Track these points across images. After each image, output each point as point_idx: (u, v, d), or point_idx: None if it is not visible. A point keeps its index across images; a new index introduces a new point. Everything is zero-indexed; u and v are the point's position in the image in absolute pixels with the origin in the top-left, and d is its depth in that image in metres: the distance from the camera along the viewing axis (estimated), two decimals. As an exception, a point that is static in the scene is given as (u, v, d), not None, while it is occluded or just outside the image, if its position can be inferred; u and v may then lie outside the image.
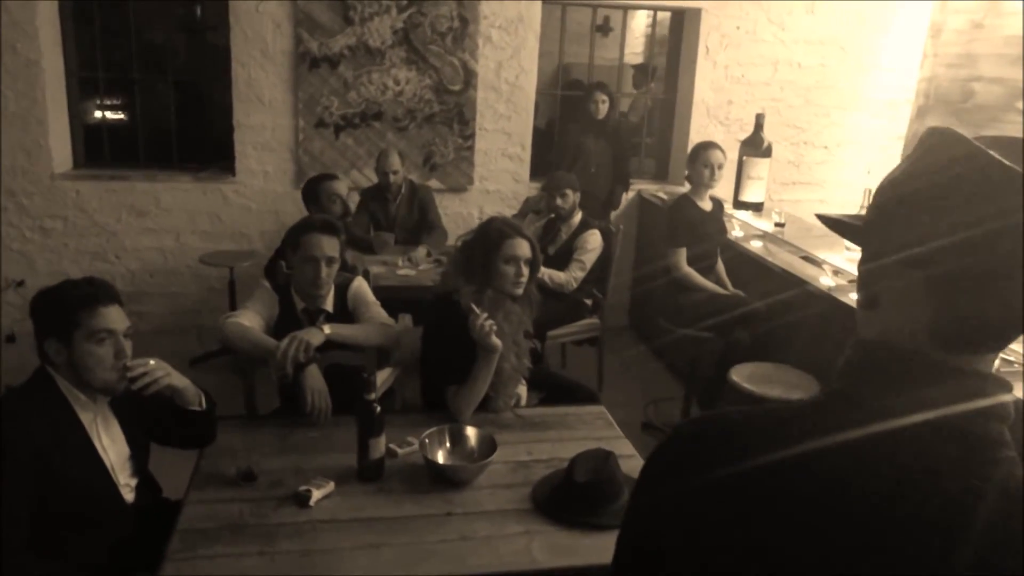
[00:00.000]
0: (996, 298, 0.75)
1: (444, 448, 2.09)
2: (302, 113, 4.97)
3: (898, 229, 0.80)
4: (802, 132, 5.50)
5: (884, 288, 0.82)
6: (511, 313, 2.47)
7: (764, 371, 3.33)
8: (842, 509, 0.78)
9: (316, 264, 2.55)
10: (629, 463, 2.14)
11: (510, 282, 2.42)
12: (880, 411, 0.79)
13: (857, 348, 0.85)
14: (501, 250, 2.41)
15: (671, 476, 0.89)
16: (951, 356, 0.79)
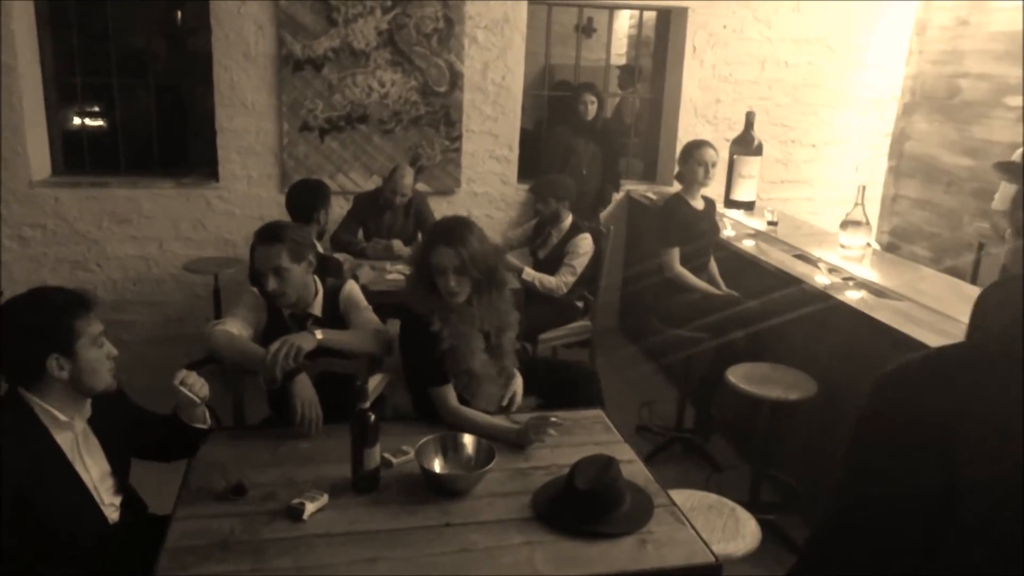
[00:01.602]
0: None
1: (440, 457, 2.03)
2: (286, 116, 4.90)
3: None
4: (790, 131, 5.48)
5: None
6: (463, 314, 2.39)
7: (761, 371, 3.29)
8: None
9: (263, 277, 2.49)
10: (629, 468, 2.10)
11: (444, 292, 2.35)
12: None
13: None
14: (429, 259, 2.35)
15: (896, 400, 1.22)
16: None
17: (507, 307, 2.51)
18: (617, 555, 1.72)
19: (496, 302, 2.45)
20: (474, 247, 2.33)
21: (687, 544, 1.78)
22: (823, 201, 5.57)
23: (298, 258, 2.54)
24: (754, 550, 2.23)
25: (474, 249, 2.33)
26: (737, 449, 3.91)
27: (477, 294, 2.39)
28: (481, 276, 2.36)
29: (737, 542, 2.25)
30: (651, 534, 1.80)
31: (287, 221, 2.84)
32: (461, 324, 2.38)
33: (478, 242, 2.36)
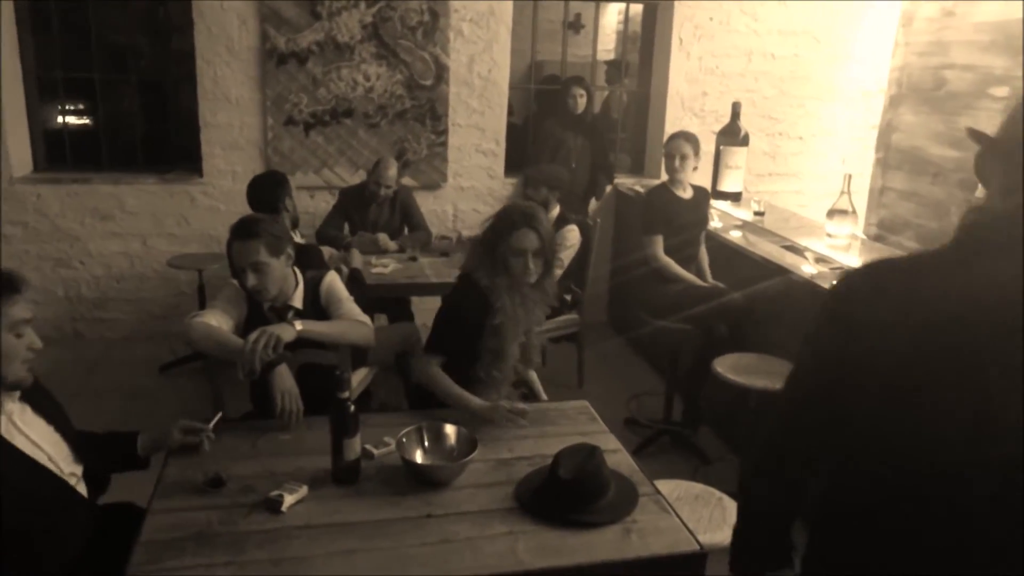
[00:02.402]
0: None
1: (422, 447, 2.00)
2: (270, 111, 4.86)
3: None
4: (777, 123, 5.48)
5: None
6: (528, 300, 2.44)
7: (748, 361, 3.27)
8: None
9: (242, 273, 2.46)
10: (614, 458, 2.08)
11: (519, 273, 2.38)
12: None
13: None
14: (509, 241, 2.37)
15: (852, 304, 1.30)
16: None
17: (545, 302, 2.56)
18: (601, 544, 1.69)
19: (549, 288, 2.51)
20: (549, 231, 2.42)
21: (672, 533, 1.76)
22: (811, 194, 5.56)
23: (276, 252, 2.51)
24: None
25: (549, 233, 2.41)
26: (725, 441, 3.89)
27: (541, 278, 2.46)
28: (550, 260, 2.44)
29: (724, 531, 2.22)
30: (635, 523, 1.77)
31: (262, 215, 2.79)
32: (519, 306, 2.42)
33: (549, 226, 2.44)
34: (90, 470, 1.94)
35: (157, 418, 2.13)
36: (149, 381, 4.43)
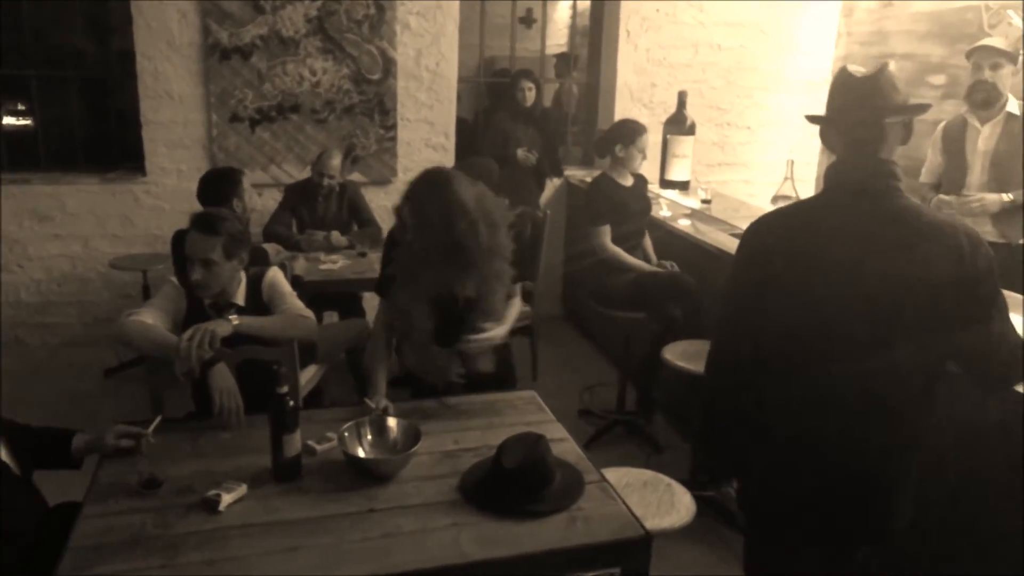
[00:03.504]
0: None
1: (365, 441, 1.97)
2: (215, 107, 4.76)
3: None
4: (725, 113, 5.53)
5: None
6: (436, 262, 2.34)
7: (697, 348, 3.29)
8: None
9: (189, 264, 2.40)
10: (561, 447, 2.07)
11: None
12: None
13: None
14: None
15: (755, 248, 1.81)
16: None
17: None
18: (546, 533, 1.68)
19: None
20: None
21: (617, 519, 1.75)
22: (760, 183, 5.62)
23: (231, 255, 2.46)
24: (688, 523, 2.22)
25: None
26: (678, 429, 3.92)
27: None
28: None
29: (672, 516, 2.24)
30: (581, 511, 1.76)
31: (229, 213, 2.73)
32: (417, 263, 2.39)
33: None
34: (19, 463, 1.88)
35: (102, 424, 2.06)
36: (94, 386, 4.31)
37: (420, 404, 2.30)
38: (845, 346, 1.65)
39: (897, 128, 1.68)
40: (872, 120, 1.66)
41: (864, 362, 1.64)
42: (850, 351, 1.64)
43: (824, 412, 1.68)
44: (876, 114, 1.65)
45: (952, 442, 2.17)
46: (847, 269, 1.64)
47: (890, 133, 1.67)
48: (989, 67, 3.35)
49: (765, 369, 1.75)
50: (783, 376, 1.73)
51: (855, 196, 1.67)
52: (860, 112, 1.66)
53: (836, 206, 1.70)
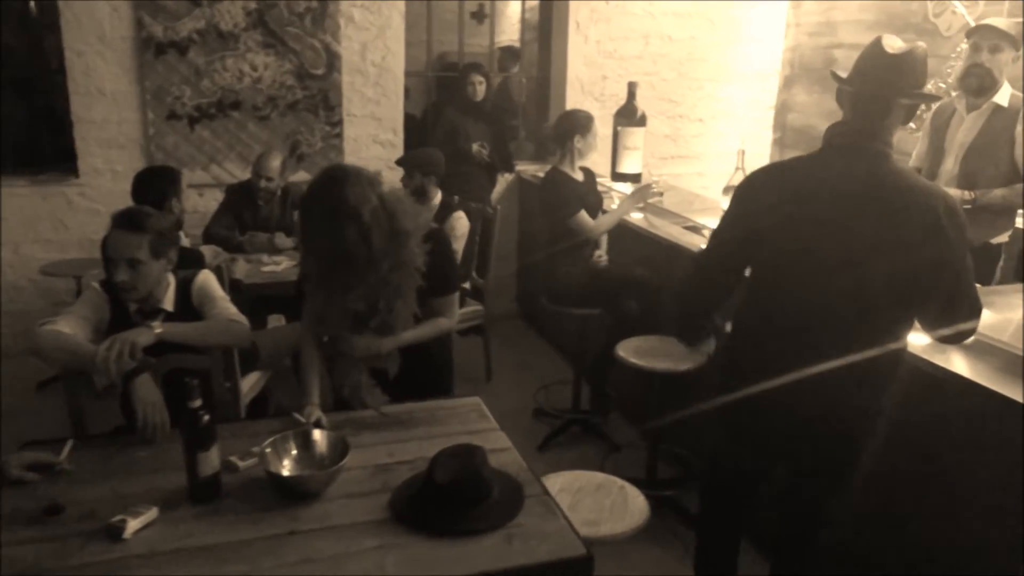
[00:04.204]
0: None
1: (290, 457, 1.84)
2: (151, 105, 4.56)
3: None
4: (677, 105, 5.47)
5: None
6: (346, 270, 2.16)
7: (650, 344, 3.22)
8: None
9: (114, 265, 2.25)
10: (503, 457, 1.96)
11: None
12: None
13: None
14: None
15: (747, 199, 2.02)
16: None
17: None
18: (479, 554, 1.57)
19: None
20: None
21: (558, 536, 1.65)
22: (713, 175, 5.56)
23: (159, 254, 2.32)
24: (641, 527, 2.14)
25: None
26: (635, 426, 3.85)
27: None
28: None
29: (625, 520, 2.15)
30: (519, 528, 1.66)
31: (155, 210, 2.57)
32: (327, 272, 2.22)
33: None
34: None
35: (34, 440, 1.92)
36: (25, 400, 4.11)
37: (356, 414, 2.18)
38: (825, 294, 1.85)
39: (903, 108, 1.84)
40: (884, 95, 1.80)
41: (842, 309, 1.83)
42: (829, 299, 1.84)
43: (800, 354, 1.88)
44: (890, 90, 1.80)
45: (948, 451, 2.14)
46: (833, 223, 1.82)
47: (896, 110, 1.83)
48: (988, 49, 3.03)
49: (746, 311, 2.06)
50: (765, 316, 2.00)
51: (848, 155, 1.85)
52: (876, 84, 1.81)
53: (829, 163, 1.88)
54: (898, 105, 1.82)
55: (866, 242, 1.78)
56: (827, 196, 1.84)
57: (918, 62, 1.82)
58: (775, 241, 1.92)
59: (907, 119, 1.88)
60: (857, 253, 1.79)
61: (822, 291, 1.85)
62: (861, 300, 1.82)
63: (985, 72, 3.05)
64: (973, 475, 2.05)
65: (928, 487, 2.19)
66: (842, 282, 1.82)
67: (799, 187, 1.90)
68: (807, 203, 1.86)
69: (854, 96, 1.85)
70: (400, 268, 2.14)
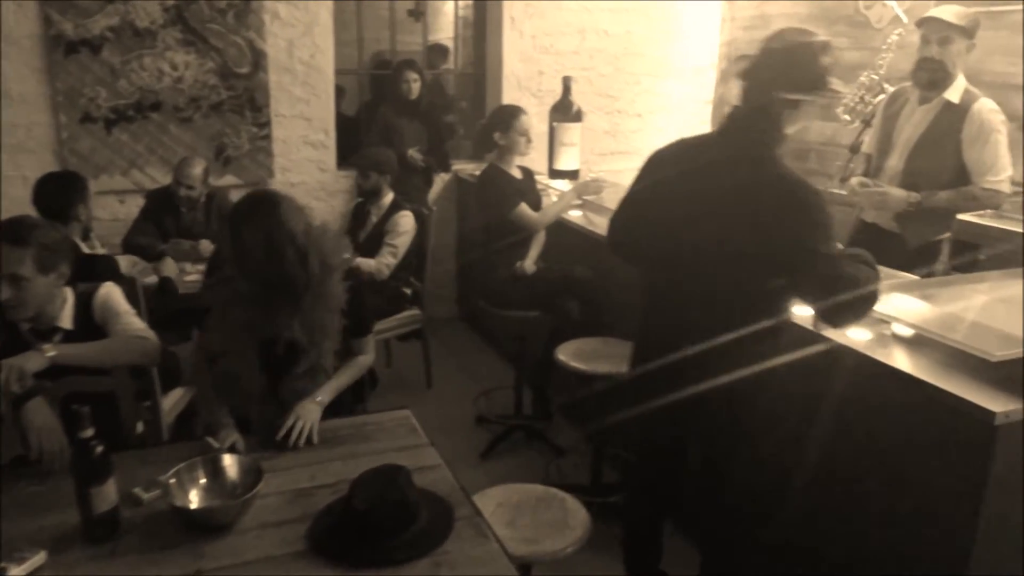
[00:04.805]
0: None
1: (198, 486, 1.69)
2: (62, 107, 4.31)
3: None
4: (615, 101, 5.42)
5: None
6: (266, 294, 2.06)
7: (591, 346, 3.13)
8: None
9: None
10: (431, 475, 1.84)
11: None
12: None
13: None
14: None
15: (648, 171, 2.18)
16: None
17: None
18: (404, 585, 1.45)
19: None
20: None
21: (489, 562, 1.53)
22: (653, 171, 5.54)
23: (46, 268, 2.11)
24: (583, 542, 2.04)
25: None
26: (579, 429, 3.76)
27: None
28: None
29: (565, 536, 2.05)
30: (447, 554, 1.54)
31: (41, 220, 2.37)
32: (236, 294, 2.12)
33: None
34: None
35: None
36: None
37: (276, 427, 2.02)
38: (697, 268, 2.01)
39: (790, 102, 1.89)
40: (765, 88, 1.90)
41: (711, 282, 1.99)
42: (700, 273, 2.00)
43: (679, 327, 2.07)
44: (770, 84, 1.89)
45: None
46: (703, 201, 1.95)
47: (779, 103, 1.89)
48: (937, 42, 2.91)
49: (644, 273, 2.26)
50: (652, 291, 2.22)
51: (729, 138, 1.99)
52: (758, 77, 1.93)
53: (712, 144, 2.04)
54: (780, 98, 1.87)
55: (730, 221, 1.91)
56: (705, 173, 1.96)
57: (806, 58, 1.87)
58: (658, 216, 2.09)
59: (791, 116, 1.92)
60: (722, 230, 1.92)
61: (696, 266, 2.01)
62: (727, 274, 1.95)
63: (936, 65, 2.93)
64: (915, 472, 2.01)
65: (870, 484, 2.15)
66: (710, 255, 1.96)
67: (686, 165, 2.03)
68: (689, 177, 1.99)
69: (744, 86, 1.97)
70: (326, 305, 2.06)
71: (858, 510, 2.19)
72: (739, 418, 2.13)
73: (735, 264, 1.94)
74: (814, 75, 1.89)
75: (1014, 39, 3.83)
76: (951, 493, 1.91)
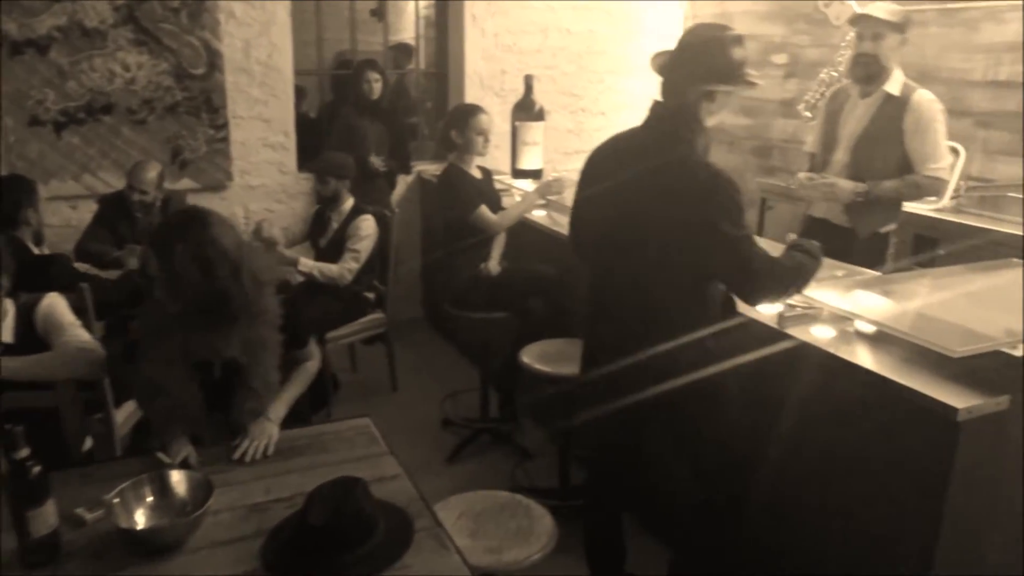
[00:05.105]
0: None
1: (144, 505, 1.62)
2: (8, 110, 4.16)
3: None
4: (579, 99, 5.39)
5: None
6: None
7: (556, 348, 3.10)
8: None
9: None
10: (392, 486, 1.78)
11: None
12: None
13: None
14: None
15: (585, 169, 2.23)
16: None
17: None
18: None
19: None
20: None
21: (450, 574, 1.49)
22: (618, 169, 5.53)
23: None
24: (548, 549, 2.00)
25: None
26: (547, 431, 3.72)
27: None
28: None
29: (531, 544, 2.01)
30: (407, 568, 1.49)
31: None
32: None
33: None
34: None
35: None
36: None
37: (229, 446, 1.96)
38: (629, 263, 2.06)
39: (704, 94, 1.99)
40: (679, 80, 2.00)
41: (644, 277, 2.04)
42: (633, 269, 2.05)
43: (607, 305, 2.18)
44: (684, 76, 1.99)
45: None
46: (629, 194, 2.01)
47: (693, 95, 1.99)
48: (871, 38, 2.99)
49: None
50: (591, 287, 2.25)
51: (651, 132, 2.05)
52: (672, 70, 2.02)
53: (636, 138, 2.09)
54: (695, 90, 1.97)
55: (648, 211, 1.98)
56: (627, 165, 2.02)
57: (720, 50, 1.96)
58: (594, 214, 2.15)
59: (709, 107, 2.01)
60: (642, 220, 2.00)
61: (629, 261, 2.06)
62: (660, 268, 2.01)
63: (871, 59, 3.02)
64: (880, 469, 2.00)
65: (835, 481, 2.14)
66: (642, 252, 2.02)
67: (615, 162, 2.10)
68: (615, 168, 2.07)
69: (662, 81, 2.05)
70: (262, 320, 1.98)
71: (823, 507, 2.18)
72: (694, 416, 2.13)
73: (662, 256, 1.99)
74: (728, 67, 1.97)
75: (968, 35, 3.88)
76: (915, 489, 1.90)
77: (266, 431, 1.96)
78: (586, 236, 2.29)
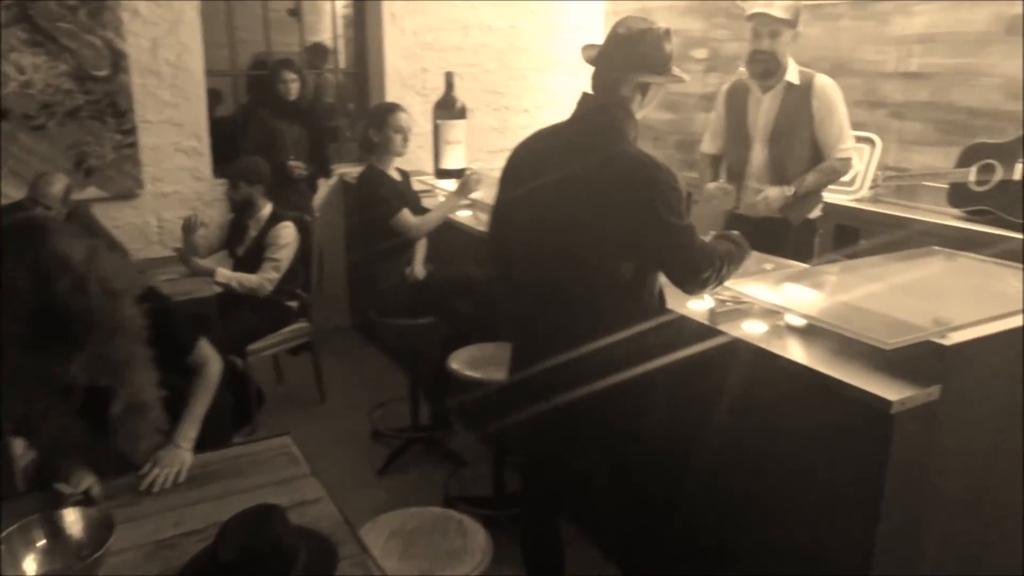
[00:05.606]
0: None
1: (35, 549, 1.47)
2: None
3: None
4: (502, 97, 5.33)
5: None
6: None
7: (485, 352, 3.02)
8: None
9: None
10: (314, 510, 1.68)
11: None
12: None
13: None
14: None
15: (506, 168, 2.20)
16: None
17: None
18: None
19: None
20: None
21: (378, 603, 1.40)
22: (544, 167, 5.48)
23: None
24: (483, 567, 1.92)
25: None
26: (480, 438, 3.64)
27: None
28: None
29: (464, 563, 1.93)
30: (329, 600, 1.39)
31: None
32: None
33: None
34: None
35: None
36: None
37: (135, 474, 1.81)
38: (554, 254, 2.03)
39: (636, 86, 1.99)
40: (611, 72, 1.99)
41: (569, 267, 2.00)
42: (559, 259, 2.02)
43: (536, 307, 2.12)
44: (617, 68, 1.98)
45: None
46: (557, 188, 1.96)
47: (625, 87, 1.99)
48: (768, 35, 3.06)
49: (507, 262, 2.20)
50: (510, 286, 2.21)
51: (581, 124, 2.03)
52: (605, 62, 2.01)
53: (564, 132, 2.06)
54: (630, 82, 1.97)
55: (579, 203, 1.95)
56: (557, 165, 1.97)
57: (651, 42, 1.96)
58: (518, 211, 2.11)
59: (641, 100, 2.02)
60: (572, 212, 1.97)
61: (549, 243, 2.03)
62: (588, 262, 1.98)
63: (768, 56, 3.08)
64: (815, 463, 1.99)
65: (771, 477, 2.12)
66: (569, 247, 1.99)
67: (539, 157, 2.06)
68: (542, 162, 2.02)
69: (593, 72, 2.04)
70: (120, 334, 1.77)
71: (760, 503, 2.16)
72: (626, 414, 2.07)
73: (599, 250, 1.96)
74: (663, 59, 1.98)
75: (881, 28, 3.96)
76: (851, 483, 1.89)
77: (176, 458, 1.82)
78: (510, 236, 2.19)
